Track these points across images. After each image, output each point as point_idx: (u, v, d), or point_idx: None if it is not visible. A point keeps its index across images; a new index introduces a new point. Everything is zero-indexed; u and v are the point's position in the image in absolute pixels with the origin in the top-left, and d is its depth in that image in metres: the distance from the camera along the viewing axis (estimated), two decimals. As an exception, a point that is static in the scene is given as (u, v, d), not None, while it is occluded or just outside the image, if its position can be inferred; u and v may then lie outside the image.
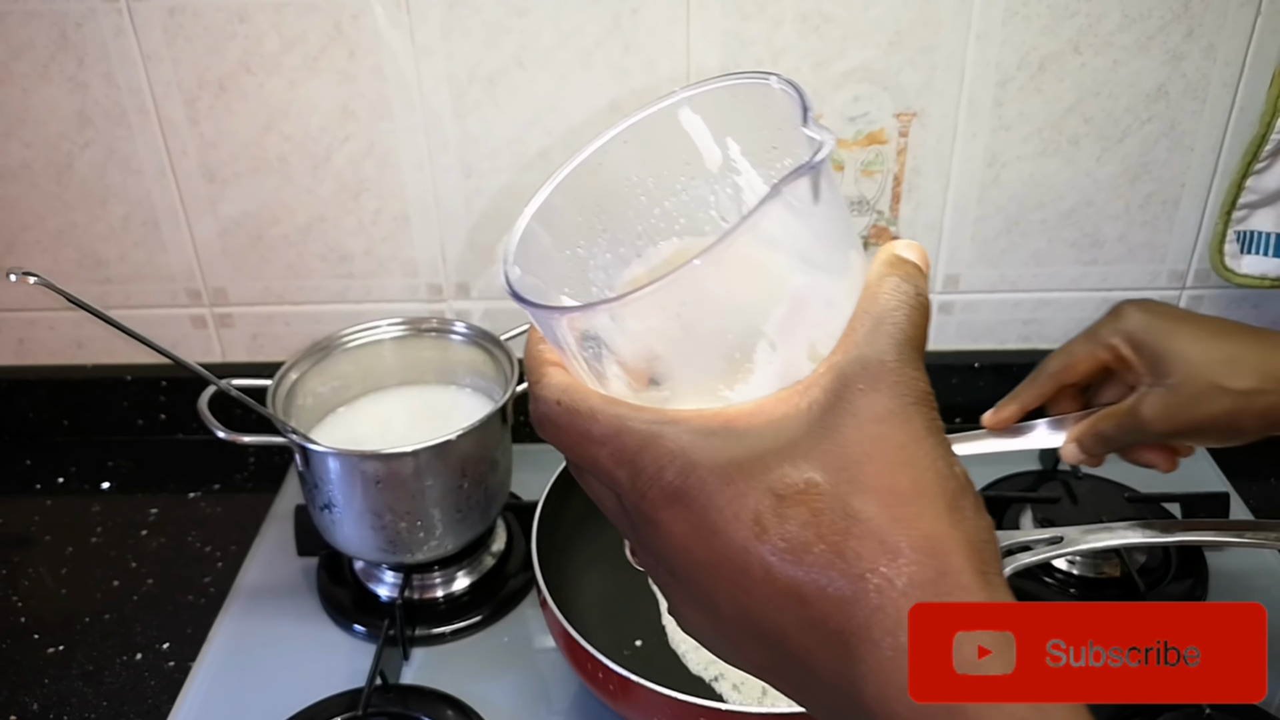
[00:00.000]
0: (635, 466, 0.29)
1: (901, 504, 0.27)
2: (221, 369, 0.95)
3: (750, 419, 0.28)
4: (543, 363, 0.32)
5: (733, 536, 0.27)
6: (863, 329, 0.29)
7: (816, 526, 0.27)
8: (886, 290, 0.30)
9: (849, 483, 0.27)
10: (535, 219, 0.34)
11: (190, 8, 0.84)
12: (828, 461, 0.27)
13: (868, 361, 0.28)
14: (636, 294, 0.27)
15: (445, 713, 0.72)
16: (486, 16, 0.84)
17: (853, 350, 0.29)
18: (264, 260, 0.96)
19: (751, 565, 0.27)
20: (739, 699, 0.68)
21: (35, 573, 0.88)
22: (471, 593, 0.83)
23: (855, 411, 0.28)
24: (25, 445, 1.04)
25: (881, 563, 0.26)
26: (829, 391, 0.28)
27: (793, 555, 0.27)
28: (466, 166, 0.91)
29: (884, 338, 0.29)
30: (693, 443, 0.28)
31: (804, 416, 0.28)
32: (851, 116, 0.88)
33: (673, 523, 0.28)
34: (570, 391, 0.30)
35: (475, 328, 0.85)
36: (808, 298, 0.29)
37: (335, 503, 0.76)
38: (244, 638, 0.80)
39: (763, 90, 0.32)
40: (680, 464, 0.28)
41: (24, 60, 0.87)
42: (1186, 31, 0.84)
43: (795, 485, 0.27)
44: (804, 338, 0.29)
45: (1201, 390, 0.62)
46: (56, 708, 0.76)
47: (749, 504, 0.27)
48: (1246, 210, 0.89)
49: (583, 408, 0.30)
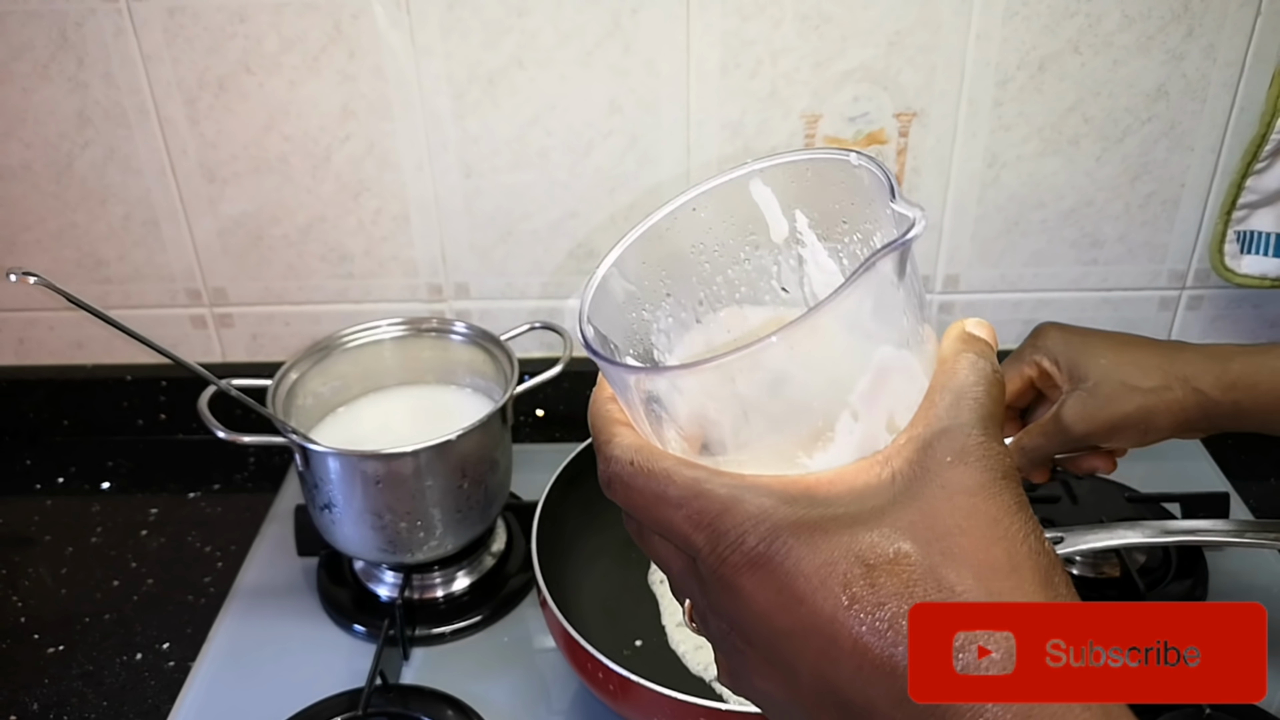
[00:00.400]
0: (715, 530, 0.28)
1: (997, 578, 0.27)
2: (221, 369, 0.95)
3: (831, 487, 0.29)
4: (612, 422, 0.32)
5: (821, 605, 0.27)
6: (943, 402, 0.30)
7: (910, 598, 0.27)
8: (964, 366, 0.31)
9: (941, 554, 0.27)
10: (608, 276, 0.34)
11: (190, 8, 0.84)
12: (918, 532, 0.27)
13: (953, 435, 0.29)
14: (735, 354, 0.28)
15: (445, 713, 0.72)
16: (486, 16, 0.84)
17: (935, 423, 0.29)
18: (264, 260, 0.96)
19: (840, 636, 0.27)
20: (739, 699, 0.68)
21: (35, 572, 0.88)
22: (471, 593, 0.83)
23: (944, 484, 0.28)
24: (25, 445, 1.04)
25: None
26: (913, 463, 0.29)
27: (886, 626, 0.26)
28: (466, 166, 0.91)
29: (966, 411, 0.29)
30: (776, 508, 0.28)
31: (888, 486, 0.28)
32: (851, 116, 0.88)
33: (755, 589, 0.28)
34: (643, 452, 0.30)
35: (475, 328, 0.86)
36: (891, 369, 0.30)
37: (335, 503, 0.76)
38: (244, 638, 0.80)
39: (838, 166, 0.33)
40: (764, 529, 0.28)
41: (24, 60, 0.87)
42: (1186, 31, 0.84)
43: (885, 555, 0.27)
44: (884, 409, 0.30)
45: (1115, 390, 0.68)
46: (56, 707, 0.76)
47: (838, 572, 0.27)
48: (1246, 210, 0.89)
49: (657, 469, 0.30)
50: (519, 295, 0.97)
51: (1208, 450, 0.95)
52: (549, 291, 0.97)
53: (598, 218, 0.93)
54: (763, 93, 0.87)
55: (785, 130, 0.88)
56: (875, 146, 0.89)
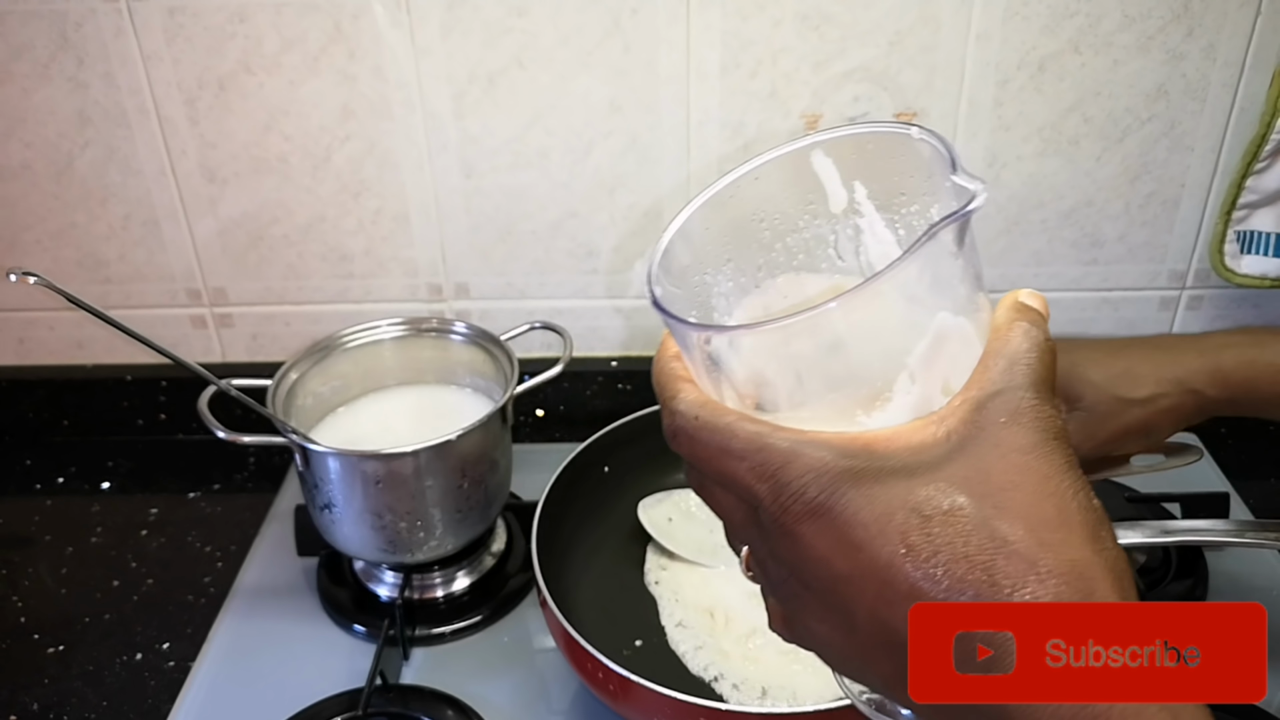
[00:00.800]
0: (778, 481, 0.30)
1: (1048, 531, 0.28)
2: (221, 369, 0.95)
3: (889, 443, 0.30)
4: (677, 378, 0.33)
5: (879, 553, 0.29)
6: (997, 367, 0.31)
7: (965, 546, 0.28)
8: (1017, 333, 0.32)
9: (995, 508, 0.28)
10: (673, 240, 0.36)
11: (190, 8, 0.84)
12: (972, 487, 0.29)
13: (1006, 397, 0.30)
14: (800, 315, 0.29)
15: (445, 712, 0.72)
16: (486, 16, 0.84)
17: (989, 386, 0.31)
18: (264, 260, 0.96)
19: (896, 580, 0.28)
20: (739, 699, 0.68)
21: (35, 572, 0.88)
22: (471, 593, 0.83)
23: (998, 443, 0.29)
24: (25, 445, 1.04)
25: (1030, 583, 0.27)
26: (967, 423, 0.30)
27: (941, 572, 0.28)
28: (466, 166, 0.91)
29: (1020, 375, 0.31)
30: (836, 461, 0.30)
31: (943, 444, 0.30)
32: (851, 116, 0.88)
33: (815, 536, 0.30)
34: (708, 407, 0.32)
35: (475, 328, 0.86)
36: (948, 335, 0.32)
37: (335, 503, 0.76)
38: (244, 638, 0.80)
39: (899, 140, 0.34)
40: (824, 480, 0.29)
41: (24, 60, 0.87)
42: (1186, 31, 0.84)
43: (940, 507, 0.28)
44: (940, 373, 0.32)
45: (1111, 407, 0.67)
46: (56, 707, 0.76)
47: (895, 522, 0.29)
48: (1246, 210, 0.89)
49: (721, 423, 0.31)
50: (519, 295, 0.97)
51: (1208, 450, 0.95)
52: (549, 291, 0.97)
53: (598, 218, 0.93)
54: (763, 93, 0.87)
55: (785, 130, 0.88)
56: (875, 146, 0.89)
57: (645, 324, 0.99)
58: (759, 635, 0.72)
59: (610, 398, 1.01)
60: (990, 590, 0.27)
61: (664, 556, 0.81)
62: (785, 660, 0.70)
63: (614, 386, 1.01)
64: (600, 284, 0.97)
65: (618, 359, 1.01)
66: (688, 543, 0.81)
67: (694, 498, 0.88)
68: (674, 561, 0.80)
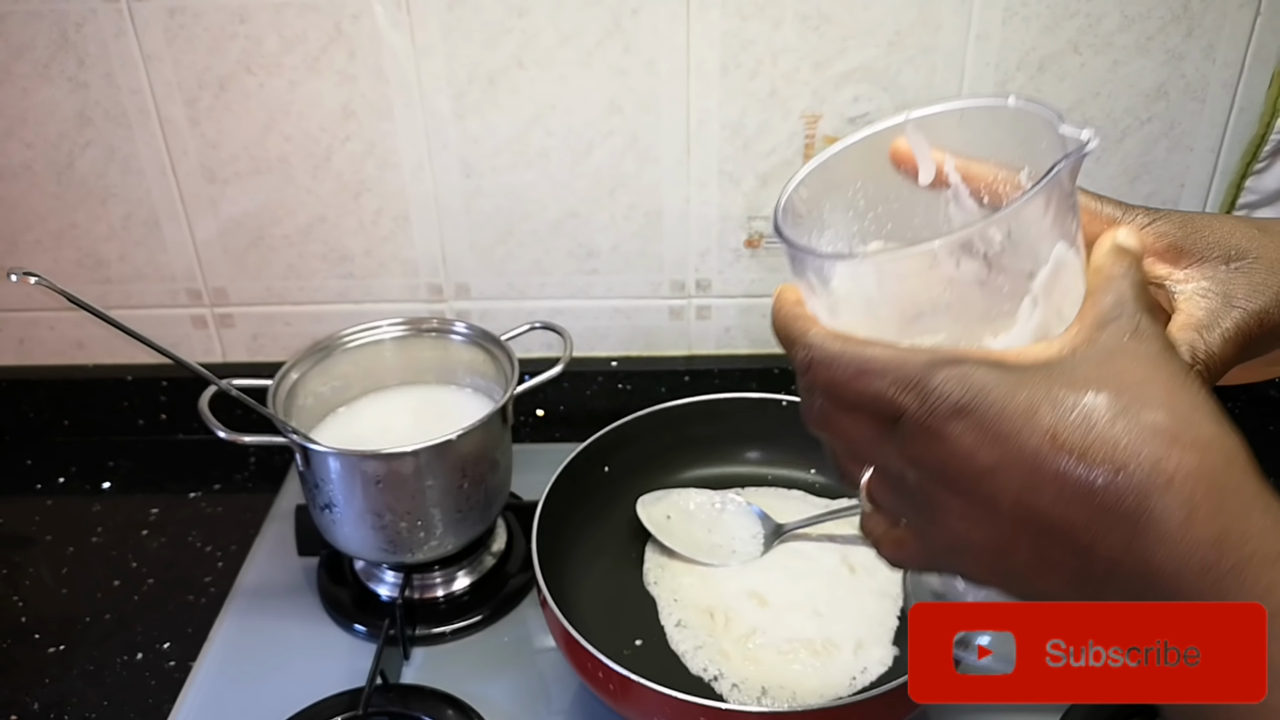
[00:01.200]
0: (923, 388, 0.32)
1: (1185, 413, 0.31)
2: (222, 369, 0.95)
3: (1019, 357, 0.33)
4: (803, 317, 0.36)
5: (1025, 441, 0.31)
6: (1106, 300, 0.34)
7: (1111, 427, 0.30)
8: (1120, 270, 0.35)
9: (1133, 399, 0.31)
10: (791, 197, 0.39)
11: (190, 8, 0.84)
12: (1109, 383, 0.31)
13: (1123, 322, 0.33)
14: (946, 239, 0.32)
15: (445, 712, 0.72)
16: (487, 17, 0.84)
17: (1104, 315, 0.33)
18: (264, 260, 0.96)
19: (1044, 466, 0.30)
20: (738, 698, 0.68)
21: (36, 572, 0.89)
22: (472, 592, 0.83)
23: (1126, 351, 0.32)
24: (26, 445, 1.04)
25: (1174, 453, 0.30)
26: (1090, 342, 0.33)
27: (1088, 453, 0.30)
28: (467, 166, 0.91)
29: (1129, 305, 0.34)
30: (975, 368, 0.32)
31: (1070, 359, 0.32)
32: (851, 117, 0.88)
33: (962, 433, 0.32)
34: (840, 336, 0.35)
35: (475, 328, 0.86)
36: (1065, 264, 0.35)
37: (336, 502, 0.76)
38: (244, 637, 0.80)
39: (993, 112, 0.38)
40: (967, 383, 0.32)
41: (25, 60, 0.87)
42: (1186, 32, 0.84)
43: (1082, 400, 0.31)
44: (1056, 300, 0.35)
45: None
46: (57, 707, 0.76)
47: (1040, 413, 0.31)
48: (1246, 211, 0.89)
49: (857, 348, 0.34)
50: (519, 295, 0.98)
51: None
52: (549, 292, 0.97)
53: (598, 218, 0.93)
54: (763, 93, 0.87)
55: (785, 130, 0.88)
56: (875, 147, 0.89)
57: (645, 324, 0.99)
58: (758, 635, 0.73)
59: (610, 398, 1.01)
60: (1138, 459, 0.29)
61: (663, 556, 0.81)
62: (784, 660, 0.71)
63: (614, 386, 1.01)
64: (600, 284, 0.97)
65: (618, 359, 1.01)
66: (685, 540, 0.81)
67: (693, 496, 0.89)
68: (673, 561, 0.80)
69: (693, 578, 0.79)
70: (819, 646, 0.71)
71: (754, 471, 0.88)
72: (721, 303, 0.98)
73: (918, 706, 0.66)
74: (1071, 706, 0.69)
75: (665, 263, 0.96)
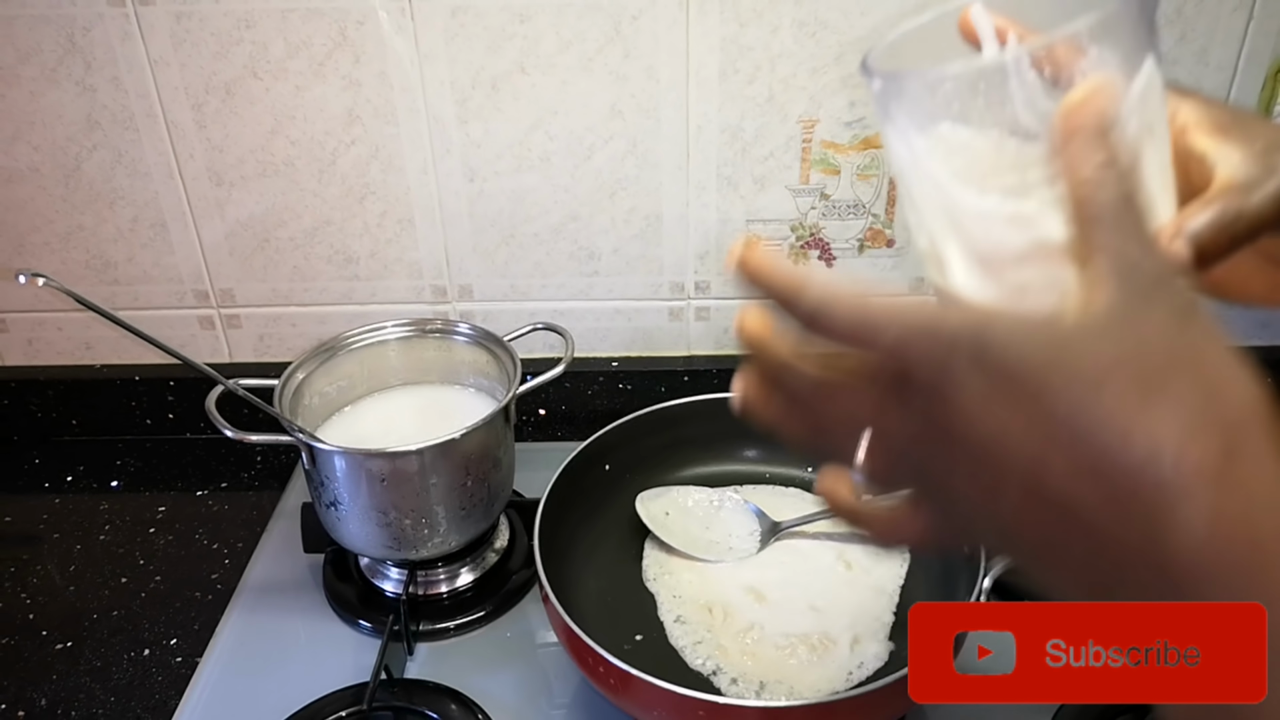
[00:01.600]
0: (932, 341, 0.30)
1: (1213, 378, 0.29)
2: (229, 369, 0.96)
3: (1041, 315, 0.30)
4: (793, 273, 0.33)
5: (1041, 404, 0.29)
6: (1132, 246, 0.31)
7: (1136, 394, 0.28)
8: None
9: (1157, 368, 0.29)
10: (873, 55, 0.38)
11: (197, 13, 0.85)
12: (1129, 348, 0.29)
13: (1142, 277, 0.30)
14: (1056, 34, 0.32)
15: (449, 707, 0.73)
16: (489, 23, 0.85)
17: (1129, 259, 0.31)
18: (270, 262, 0.97)
19: (1060, 433, 0.28)
20: (737, 692, 0.69)
21: (44, 570, 0.90)
22: (475, 589, 0.84)
23: (1153, 317, 0.29)
24: (34, 445, 1.05)
25: (1202, 423, 0.28)
26: (1113, 302, 0.30)
27: (1120, 413, 0.28)
28: (470, 170, 0.92)
29: (1158, 262, 0.31)
30: (993, 322, 0.30)
31: (1097, 318, 0.30)
32: (848, 122, 0.89)
33: (975, 389, 0.30)
34: (840, 286, 0.32)
35: (478, 329, 0.87)
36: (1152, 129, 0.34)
37: (341, 500, 0.77)
38: (251, 634, 0.81)
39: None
40: (981, 338, 0.30)
41: (32, 64, 0.88)
42: (1179, 36, 0.85)
43: (1107, 367, 0.29)
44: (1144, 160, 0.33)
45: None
46: (64, 704, 0.77)
47: (1061, 377, 0.29)
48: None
49: (857, 297, 0.32)
50: (521, 297, 0.98)
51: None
52: (551, 293, 0.98)
53: (599, 221, 0.94)
54: (761, 98, 0.88)
55: (783, 134, 0.89)
56: (871, 152, 0.90)
57: (645, 325, 1.00)
58: (756, 631, 0.73)
59: (611, 397, 1.02)
60: (1164, 429, 0.28)
61: (662, 553, 0.82)
62: (782, 655, 0.71)
63: (615, 386, 1.02)
64: (601, 286, 0.98)
65: (618, 359, 1.02)
66: (684, 537, 0.81)
67: (691, 494, 0.89)
68: (672, 558, 0.81)
69: (692, 574, 0.79)
70: (816, 642, 0.72)
71: (751, 470, 0.89)
72: (720, 304, 0.99)
73: (913, 702, 0.66)
74: (1062, 705, 0.70)
75: (665, 265, 0.97)
